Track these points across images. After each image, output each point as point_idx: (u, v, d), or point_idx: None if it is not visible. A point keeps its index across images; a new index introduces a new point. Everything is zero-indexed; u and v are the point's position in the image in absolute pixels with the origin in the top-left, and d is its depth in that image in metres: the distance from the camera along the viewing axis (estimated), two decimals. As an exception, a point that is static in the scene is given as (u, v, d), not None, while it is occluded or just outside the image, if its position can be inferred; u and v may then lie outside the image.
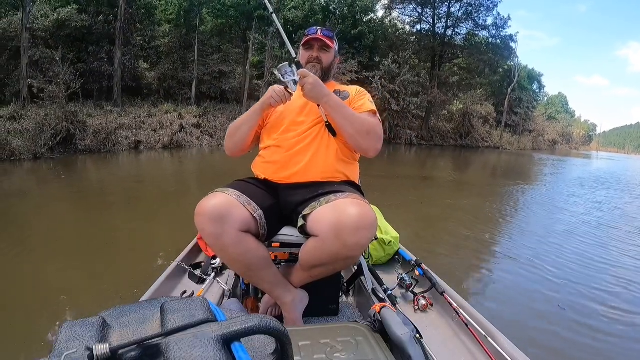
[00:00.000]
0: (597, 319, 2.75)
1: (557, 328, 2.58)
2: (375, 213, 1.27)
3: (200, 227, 1.32)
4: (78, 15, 16.03)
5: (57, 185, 7.43)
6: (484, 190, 9.10)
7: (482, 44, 25.25)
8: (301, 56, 1.72)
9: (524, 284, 3.36)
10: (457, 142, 24.64)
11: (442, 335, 1.57)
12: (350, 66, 19.59)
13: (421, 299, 1.77)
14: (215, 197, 1.36)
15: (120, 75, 15.98)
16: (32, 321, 2.42)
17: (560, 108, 43.79)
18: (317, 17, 21.50)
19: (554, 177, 13.18)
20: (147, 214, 5.30)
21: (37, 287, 2.84)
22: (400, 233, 2.35)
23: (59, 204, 5.80)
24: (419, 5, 24.58)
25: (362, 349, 0.99)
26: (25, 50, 13.45)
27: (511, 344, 1.33)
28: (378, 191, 7.12)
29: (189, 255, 2.25)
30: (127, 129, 13.03)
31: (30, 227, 4.42)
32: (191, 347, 0.46)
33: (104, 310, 0.57)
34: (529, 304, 2.96)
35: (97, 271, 3.16)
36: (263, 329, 0.51)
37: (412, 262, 2.04)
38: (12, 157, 9.92)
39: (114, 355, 0.46)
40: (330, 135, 1.57)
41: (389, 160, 14.73)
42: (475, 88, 26.71)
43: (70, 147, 11.23)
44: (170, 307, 0.55)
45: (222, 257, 1.42)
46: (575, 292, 3.20)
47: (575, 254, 4.23)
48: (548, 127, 33.18)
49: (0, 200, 5.88)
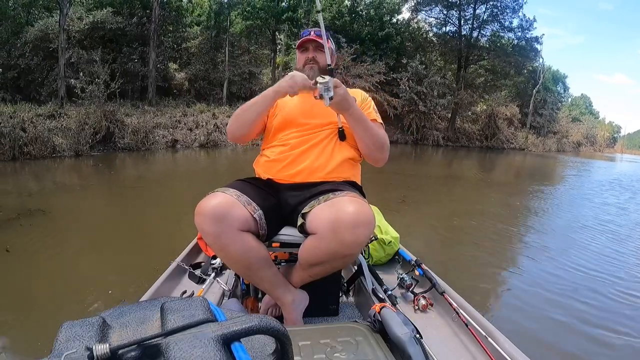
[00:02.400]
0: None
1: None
2: (372, 211, 1.27)
3: (200, 227, 1.29)
4: (113, 18, 16.04)
5: (108, 179, 7.82)
6: (515, 189, 8.99)
7: (508, 46, 24.61)
8: (298, 59, 1.72)
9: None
10: (482, 143, 23.99)
11: (442, 335, 1.55)
12: (378, 67, 19.15)
13: (421, 299, 1.74)
14: (215, 197, 1.32)
15: (154, 76, 15.85)
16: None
17: (584, 109, 42.68)
18: (345, 19, 21.10)
19: (587, 180, 12.64)
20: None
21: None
22: (431, 226, 2.45)
23: (116, 196, 6.05)
24: (445, 7, 24.06)
25: (362, 349, 0.97)
26: (62, 51, 13.37)
27: (511, 344, 1.31)
28: (412, 189, 7.43)
29: (189, 255, 2.23)
30: (164, 128, 12.98)
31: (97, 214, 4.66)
32: (191, 347, 0.45)
33: (103, 310, 0.56)
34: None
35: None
36: (263, 329, 0.50)
37: (412, 262, 2.01)
38: (53, 154, 9.96)
39: (113, 355, 0.45)
40: (338, 138, 1.56)
41: (417, 161, 14.62)
42: (500, 90, 26.11)
43: (109, 144, 11.26)
44: (170, 307, 0.54)
45: (222, 257, 1.38)
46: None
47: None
48: (572, 129, 32.24)
49: (69, 193, 6.07)
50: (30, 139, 9.70)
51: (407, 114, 21.06)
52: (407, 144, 20.92)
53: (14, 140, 9.47)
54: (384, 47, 21.34)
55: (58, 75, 13.35)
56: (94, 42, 15.83)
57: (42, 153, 9.75)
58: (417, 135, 21.36)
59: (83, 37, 15.73)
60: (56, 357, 0.45)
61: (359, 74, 18.57)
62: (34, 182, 7.43)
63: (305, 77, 1.48)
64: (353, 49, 18.82)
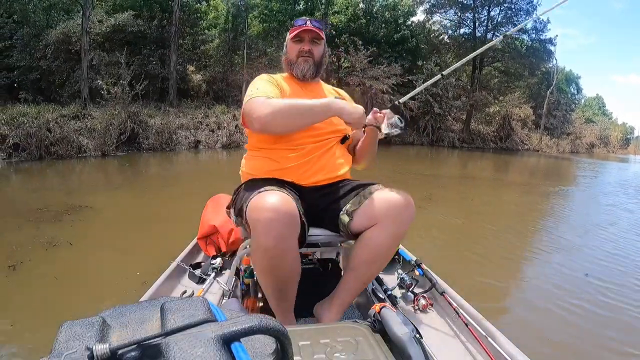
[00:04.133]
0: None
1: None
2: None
3: (268, 227, 1.16)
4: (134, 21, 15.99)
5: (142, 177, 8.14)
6: (534, 189, 9.12)
7: (522, 48, 24.27)
8: (289, 49, 1.61)
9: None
10: (497, 145, 23.68)
11: (442, 335, 1.54)
12: (394, 70, 18.92)
13: (421, 299, 1.73)
14: (277, 195, 1.21)
15: (175, 78, 15.78)
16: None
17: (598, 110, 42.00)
18: (361, 21, 20.90)
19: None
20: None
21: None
22: (453, 219, 2.61)
23: (152, 193, 6.18)
24: (459, 9, 23.77)
25: (362, 349, 0.94)
26: (85, 53, 13.32)
27: (511, 344, 1.30)
28: (436, 188, 7.84)
29: (189, 255, 2.21)
30: (186, 129, 12.89)
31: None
32: (191, 347, 0.44)
33: (103, 310, 0.54)
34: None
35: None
36: (263, 329, 0.49)
37: (412, 262, 1.97)
38: (79, 154, 9.94)
39: (113, 355, 0.44)
40: (339, 141, 1.58)
41: (434, 162, 14.56)
42: (513, 91, 25.77)
43: (133, 145, 11.18)
44: (170, 307, 0.53)
45: (272, 267, 1.24)
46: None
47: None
48: (585, 130, 31.70)
49: (107, 190, 6.24)
50: (58, 139, 9.65)
51: (423, 116, 20.83)
52: (423, 145, 20.72)
53: (40, 140, 9.44)
54: (399, 49, 21.13)
55: (81, 77, 13.30)
56: (114, 45, 15.82)
57: (69, 153, 9.71)
58: (432, 137, 21.14)
59: (103, 39, 15.74)
60: (56, 357, 0.44)
61: (376, 76, 18.39)
62: (69, 180, 7.61)
63: (383, 116, 1.47)
64: (370, 51, 18.62)
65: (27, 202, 5.04)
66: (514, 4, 23.44)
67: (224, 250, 2.20)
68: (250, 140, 1.58)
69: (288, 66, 1.63)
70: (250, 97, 1.41)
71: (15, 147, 9.24)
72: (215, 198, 2.51)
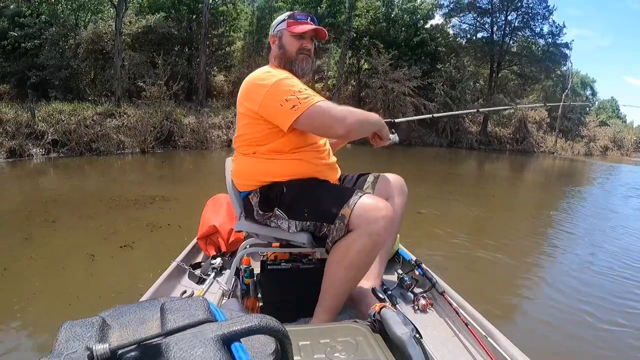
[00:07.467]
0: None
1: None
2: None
3: (390, 222, 1.28)
4: (165, 22, 16.06)
5: (195, 171, 8.48)
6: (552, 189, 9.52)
7: (539, 52, 24.01)
8: (288, 44, 1.51)
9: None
10: (513, 147, 23.43)
11: (442, 335, 1.52)
12: (415, 72, 18.80)
13: (421, 299, 1.71)
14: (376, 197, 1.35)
15: (204, 78, 15.86)
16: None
17: (612, 113, 41.37)
18: (381, 25, 20.76)
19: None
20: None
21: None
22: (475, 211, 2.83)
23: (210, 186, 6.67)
24: (477, 14, 23.56)
25: (362, 349, 0.94)
26: (119, 52, 13.36)
27: (511, 344, 1.29)
28: (459, 185, 8.38)
29: (189, 255, 2.19)
30: (218, 128, 12.87)
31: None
32: (191, 347, 0.44)
33: (103, 310, 0.54)
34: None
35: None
36: (263, 329, 0.49)
37: (412, 262, 1.96)
38: (118, 150, 9.99)
39: (113, 355, 0.44)
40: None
41: (453, 163, 14.63)
42: (529, 94, 25.46)
43: (169, 143, 11.21)
44: (170, 307, 0.53)
45: (373, 256, 1.34)
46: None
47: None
48: (599, 133, 31.20)
49: (171, 183, 6.42)
50: (99, 135, 9.72)
51: (441, 118, 20.65)
52: (442, 146, 20.58)
53: (80, 136, 9.52)
54: (419, 52, 20.96)
55: (114, 76, 13.34)
56: (143, 45, 15.98)
57: (109, 149, 9.78)
58: (451, 138, 20.98)
59: (132, 40, 15.85)
60: (56, 357, 0.43)
61: (397, 78, 18.31)
62: (127, 175, 7.91)
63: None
64: (391, 54, 18.53)
65: (104, 193, 5.39)
66: (531, 8, 23.23)
67: (223, 250, 2.17)
68: (270, 144, 1.45)
69: (283, 60, 1.52)
70: (313, 102, 1.35)
71: (53, 143, 9.32)
72: (215, 198, 2.47)
